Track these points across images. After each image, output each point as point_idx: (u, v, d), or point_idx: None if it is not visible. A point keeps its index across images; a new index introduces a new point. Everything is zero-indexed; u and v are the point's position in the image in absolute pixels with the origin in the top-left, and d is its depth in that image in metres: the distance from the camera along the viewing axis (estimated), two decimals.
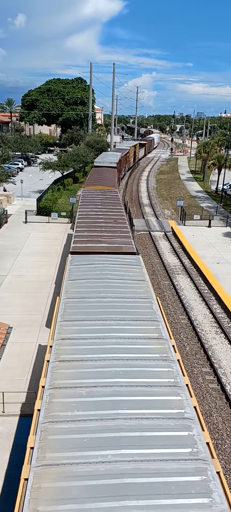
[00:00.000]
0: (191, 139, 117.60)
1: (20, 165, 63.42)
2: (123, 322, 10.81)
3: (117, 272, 14.31)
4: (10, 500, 10.28)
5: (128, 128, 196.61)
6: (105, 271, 14.24)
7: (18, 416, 13.03)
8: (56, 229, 33.27)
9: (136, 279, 13.98)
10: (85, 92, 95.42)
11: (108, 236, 19.22)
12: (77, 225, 21.01)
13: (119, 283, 13.33)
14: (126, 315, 11.23)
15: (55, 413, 7.60)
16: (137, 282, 13.70)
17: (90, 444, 6.83)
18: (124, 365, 8.93)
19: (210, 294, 23.37)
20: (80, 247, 17.51)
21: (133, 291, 12.97)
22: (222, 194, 49.75)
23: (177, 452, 6.74)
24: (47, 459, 6.57)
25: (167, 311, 21.25)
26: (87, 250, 17.03)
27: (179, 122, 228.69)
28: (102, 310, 11.50)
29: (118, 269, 14.62)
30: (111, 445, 6.81)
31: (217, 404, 14.72)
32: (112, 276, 13.81)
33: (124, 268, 14.85)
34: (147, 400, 7.90)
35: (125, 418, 7.37)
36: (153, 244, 32.33)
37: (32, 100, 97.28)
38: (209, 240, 32.77)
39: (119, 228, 20.60)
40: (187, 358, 17.30)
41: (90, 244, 17.98)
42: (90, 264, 14.87)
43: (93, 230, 19.94)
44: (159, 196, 53.60)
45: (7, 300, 20.67)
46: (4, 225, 33.65)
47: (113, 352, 9.35)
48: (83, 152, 55.71)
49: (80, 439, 6.94)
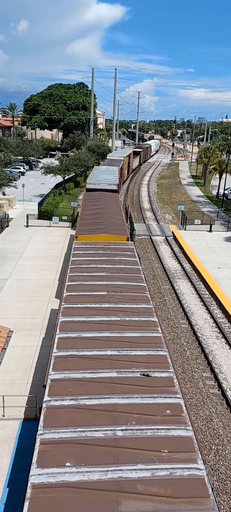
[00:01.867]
0: (192, 144, 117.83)
1: (22, 169, 63.59)
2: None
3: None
4: (11, 504, 10.26)
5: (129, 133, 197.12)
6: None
7: (19, 420, 13.02)
8: (57, 233, 33.33)
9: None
10: (87, 97, 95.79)
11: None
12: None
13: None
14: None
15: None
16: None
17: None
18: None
19: (210, 299, 23.36)
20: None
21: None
22: (223, 199, 49.80)
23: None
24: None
25: (167, 316, 21.25)
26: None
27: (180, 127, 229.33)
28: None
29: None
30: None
31: (218, 409, 14.68)
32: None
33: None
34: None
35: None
36: (154, 248, 32.35)
37: (34, 105, 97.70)
38: (210, 244, 32.79)
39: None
40: (188, 362, 17.28)
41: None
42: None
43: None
44: (160, 201, 53.68)
45: (8, 303, 20.70)
46: (6, 229, 33.74)
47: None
48: (85, 157, 55.86)
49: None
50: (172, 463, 7.23)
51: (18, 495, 10.37)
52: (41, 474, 6.87)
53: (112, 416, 8.36)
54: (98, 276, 15.23)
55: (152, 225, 39.58)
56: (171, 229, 37.41)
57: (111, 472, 6.98)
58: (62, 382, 9.25)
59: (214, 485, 11.52)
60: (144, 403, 8.73)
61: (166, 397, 8.95)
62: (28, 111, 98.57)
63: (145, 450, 7.42)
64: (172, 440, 7.76)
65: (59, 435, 7.75)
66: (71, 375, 9.49)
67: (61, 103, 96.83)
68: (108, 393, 8.96)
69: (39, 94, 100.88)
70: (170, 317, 21.17)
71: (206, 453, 12.79)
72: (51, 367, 9.75)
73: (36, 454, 7.31)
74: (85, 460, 7.21)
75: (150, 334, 11.60)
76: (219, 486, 11.70)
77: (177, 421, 8.27)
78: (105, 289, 14.18)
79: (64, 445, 7.56)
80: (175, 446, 7.57)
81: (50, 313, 19.79)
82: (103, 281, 14.78)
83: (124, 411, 8.43)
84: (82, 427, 7.93)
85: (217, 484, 11.76)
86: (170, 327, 20.13)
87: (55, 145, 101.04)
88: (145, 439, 7.75)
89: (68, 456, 7.28)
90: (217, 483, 11.78)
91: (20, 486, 10.57)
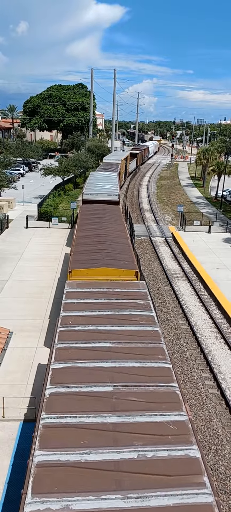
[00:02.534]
0: (191, 145, 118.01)
1: (22, 171, 63.70)
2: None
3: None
4: (10, 505, 10.30)
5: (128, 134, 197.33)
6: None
7: (19, 421, 13.07)
8: (57, 234, 33.40)
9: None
10: (86, 98, 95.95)
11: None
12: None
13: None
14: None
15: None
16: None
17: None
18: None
19: (209, 300, 23.43)
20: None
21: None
22: (222, 200, 49.92)
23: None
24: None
25: (167, 317, 21.31)
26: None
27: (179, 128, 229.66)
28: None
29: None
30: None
31: (217, 409, 14.74)
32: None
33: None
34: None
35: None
36: (153, 249, 32.42)
37: (33, 106, 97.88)
38: (209, 245, 32.87)
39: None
40: (187, 363, 17.34)
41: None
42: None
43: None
44: (159, 202, 53.78)
45: (8, 305, 20.74)
46: (5, 230, 33.79)
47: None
48: (84, 158, 55.96)
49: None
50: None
51: (18, 496, 10.41)
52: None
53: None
54: (99, 349, 10.74)
55: (151, 226, 39.66)
56: (171, 230, 37.49)
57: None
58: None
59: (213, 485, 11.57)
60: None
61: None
62: (28, 112, 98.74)
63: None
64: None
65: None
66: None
67: (60, 104, 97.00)
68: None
69: (38, 96, 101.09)
70: (170, 317, 21.23)
71: (205, 453, 12.84)
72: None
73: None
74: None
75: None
76: (219, 486, 11.76)
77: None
78: (111, 378, 9.52)
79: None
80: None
81: (50, 315, 19.85)
82: (107, 361, 10.19)
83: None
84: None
85: (217, 484, 11.81)
86: (169, 328, 20.19)
87: (55, 146, 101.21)
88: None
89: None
90: (216, 483, 11.83)
91: (20, 487, 10.61)
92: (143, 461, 7.26)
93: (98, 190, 32.91)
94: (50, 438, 7.67)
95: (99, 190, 32.72)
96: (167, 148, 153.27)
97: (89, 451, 7.40)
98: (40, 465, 7.08)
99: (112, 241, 20.93)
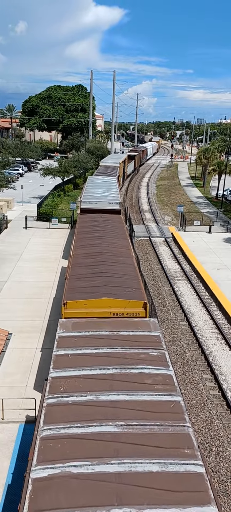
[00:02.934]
0: (191, 145, 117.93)
1: (21, 171, 63.58)
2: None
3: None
4: (10, 507, 10.17)
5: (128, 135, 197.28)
6: None
7: (18, 423, 12.94)
8: (56, 235, 33.27)
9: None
10: (86, 99, 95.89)
11: None
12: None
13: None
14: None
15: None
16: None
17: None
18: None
19: (210, 300, 23.31)
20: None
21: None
22: (223, 200, 49.80)
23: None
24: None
25: (167, 317, 21.19)
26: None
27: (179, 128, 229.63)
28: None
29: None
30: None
31: (218, 411, 14.62)
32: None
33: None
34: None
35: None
36: (153, 250, 32.30)
37: (32, 106, 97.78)
38: (210, 245, 32.75)
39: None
40: (188, 364, 17.22)
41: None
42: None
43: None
44: (159, 202, 53.66)
45: (7, 306, 20.61)
46: (4, 230, 33.66)
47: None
48: (84, 159, 55.87)
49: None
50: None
51: (17, 498, 10.29)
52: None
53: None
54: (100, 437, 8.02)
55: (151, 227, 39.54)
56: (171, 230, 37.37)
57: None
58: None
59: (215, 487, 11.44)
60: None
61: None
62: (27, 112, 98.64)
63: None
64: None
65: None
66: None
67: (60, 105, 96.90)
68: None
69: (37, 96, 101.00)
70: (170, 318, 21.10)
71: (206, 454, 12.72)
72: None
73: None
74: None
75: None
76: (220, 488, 11.63)
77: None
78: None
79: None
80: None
81: (49, 315, 19.71)
82: (112, 463, 7.50)
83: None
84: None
85: (218, 486, 11.69)
86: (170, 329, 20.06)
87: (54, 147, 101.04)
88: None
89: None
90: (218, 485, 11.71)
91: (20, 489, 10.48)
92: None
93: (98, 197, 30.54)
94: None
95: (99, 198, 30.41)
96: (167, 149, 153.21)
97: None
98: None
99: (115, 260, 18.37)
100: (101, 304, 14.02)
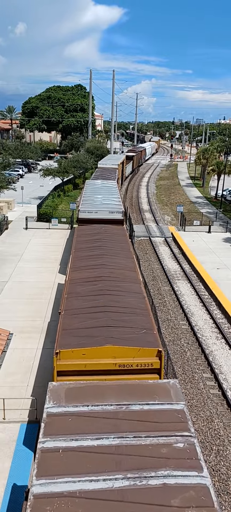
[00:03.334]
0: (191, 145, 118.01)
1: (21, 172, 63.65)
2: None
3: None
4: (12, 507, 10.24)
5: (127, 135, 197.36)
6: None
7: (19, 423, 13.00)
8: (56, 235, 33.34)
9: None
10: (85, 99, 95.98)
11: None
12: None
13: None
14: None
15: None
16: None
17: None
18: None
19: (210, 300, 23.38)
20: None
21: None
22: (222, 200, 49.90)
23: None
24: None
25: (167, 317, 21.26)
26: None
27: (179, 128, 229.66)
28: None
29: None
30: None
31: (218, 410, 14.69)
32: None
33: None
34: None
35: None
36: (153, 249, 32.38)
37: (32, 107, 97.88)
38: (209, 245, 32.83)
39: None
40: (188, 363, 17.29)
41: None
42: None
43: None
44: (159, 202, 53.74)
45: (8, 306, 20.68)
46: (5, 231, 33.73)
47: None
48: (83, 159, 55.94)
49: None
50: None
51: (19, 498, 10.36)
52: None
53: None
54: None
55: (151, 227, 39.62)
56: (170, 230, 37.45)
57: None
58: None
59: (215, 486, 11.52)
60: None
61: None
62: (27, 113, 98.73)
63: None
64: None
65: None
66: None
67: (59, 105, 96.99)
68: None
69: (37, 97, 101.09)
70: (170, 318, 21.17)
71: (207, 454, 12.80)
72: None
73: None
74: None
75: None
76: (220, 487, 11.70)
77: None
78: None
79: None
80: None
81: (50, 316, 19.79)
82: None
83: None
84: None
85: (218, 485, 11.76)
86: (170, 328, 20.13)
87: (54, 147, 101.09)
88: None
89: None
90: (218, 484, 11.78)
91: (21, 489, 10.55)
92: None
93: (97, 205, 27.70)
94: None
95: (99, 205, 27.57)
96: (166, 149, 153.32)
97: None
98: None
99: (120, 289, 15.35)
100: (104, 354, 11.39)
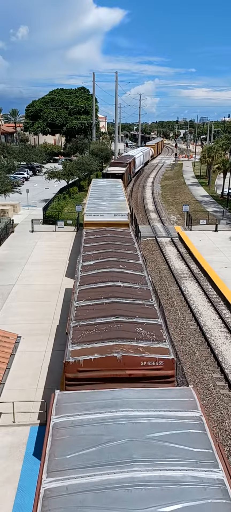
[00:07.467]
0: (195, 144, 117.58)
1: (26, 175, 63.88)
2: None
3: None
4: (23, 510, 10.19)
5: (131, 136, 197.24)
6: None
7: (29, 425, 12.97)
8: (62, 238, 33.35)
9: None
10: (89, 101, 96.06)
11: None
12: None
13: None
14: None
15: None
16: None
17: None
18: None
19: (218, 299, 23.19)
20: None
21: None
22: (228, 198, 49.56)
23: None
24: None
25: (175, 317, 21.12)
26: None
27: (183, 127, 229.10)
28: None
29: None
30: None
31: (229, 410, 14.53)
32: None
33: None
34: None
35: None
36: (160, 250, 32.24)
37: (36, 110, 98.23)
38: (216, 244, 32.60)
39: None
40: (197, 364, 17.13)
41: None
42: None
43: None
44: (164, 202, 53.56)
45: (15, 309, 20.69)
46: (11, 234, 33.82)
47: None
48: (88, 161, 55.93)
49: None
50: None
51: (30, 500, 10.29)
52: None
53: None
54: None
55: (157, 227, 39.47)
56: (177, 230, 37.27)
57: None
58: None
59: None
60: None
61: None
62: (30, 116, 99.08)
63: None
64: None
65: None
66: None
67: (63, 108, 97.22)
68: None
69: (41, 100, 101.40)
70: (178, 318, 21.03)
71: None
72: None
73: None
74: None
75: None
76: None
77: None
78: None
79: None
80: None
81: (58, 318, 19.75)
82: None
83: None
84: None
85: None
86: (178, 329, 19.99)
87: (58, 150, 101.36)
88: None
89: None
90: None
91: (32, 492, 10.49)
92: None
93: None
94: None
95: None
96: (171, 148, 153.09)
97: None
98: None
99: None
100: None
